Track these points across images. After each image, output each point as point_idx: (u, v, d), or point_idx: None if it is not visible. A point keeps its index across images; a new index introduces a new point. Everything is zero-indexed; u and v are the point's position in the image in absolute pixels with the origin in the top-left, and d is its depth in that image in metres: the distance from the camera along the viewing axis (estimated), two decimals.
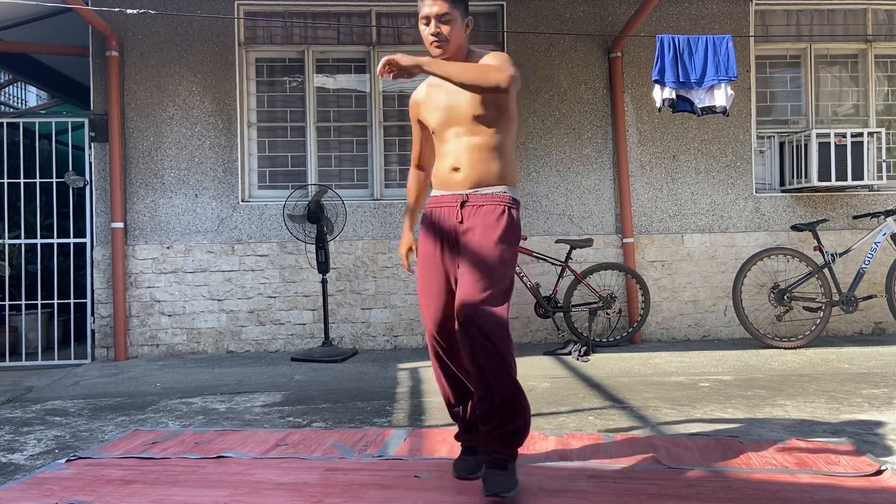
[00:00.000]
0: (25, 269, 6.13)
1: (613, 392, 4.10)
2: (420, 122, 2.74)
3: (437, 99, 2.58)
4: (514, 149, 2.62)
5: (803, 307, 5.69)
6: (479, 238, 2.47)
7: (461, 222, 2.51)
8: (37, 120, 6.42)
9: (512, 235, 2.51)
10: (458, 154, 2.53)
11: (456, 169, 2.53)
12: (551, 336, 6.02)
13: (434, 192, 2.64)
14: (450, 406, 2.69)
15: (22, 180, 5.87)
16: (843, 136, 5.88)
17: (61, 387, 4.72)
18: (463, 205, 2.51)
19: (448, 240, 2.56)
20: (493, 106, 2.50)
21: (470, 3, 2.70)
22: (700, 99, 5.32)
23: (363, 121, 6.22)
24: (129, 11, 5.22)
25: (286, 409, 3.86)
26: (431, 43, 2.50)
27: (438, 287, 2.56)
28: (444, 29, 2.47)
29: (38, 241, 5.76)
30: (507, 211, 2.49)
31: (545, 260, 5.73)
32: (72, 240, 5.86)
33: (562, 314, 5.74)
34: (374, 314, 6.03)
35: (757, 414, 3.52)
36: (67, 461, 2.90)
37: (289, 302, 5.98)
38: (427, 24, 2.49)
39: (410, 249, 2.90)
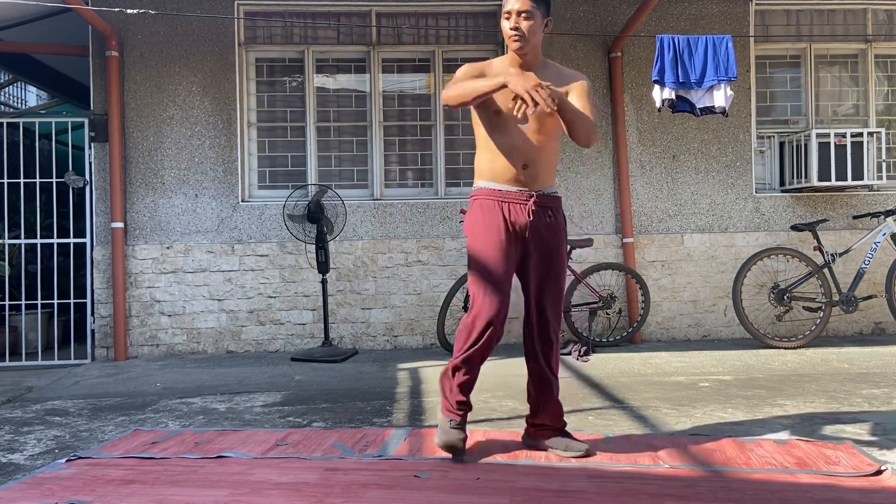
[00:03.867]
0: (25, 269, 6.12)
1: (613, 392, 4.10)
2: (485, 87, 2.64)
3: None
4: None
5: (803, 307, 5.69)
6: (555, 245, 2.74)
7: (533, 221, 2.70)
8: (37, 120, 6.42)
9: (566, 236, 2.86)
10: (528, 150, 2.68)
11: (526, 166, 2.68)
12: None
13: (495, 185, 2.72)
14: (469, 386, 2.87)
15: (22, 180, 5.87)
16: (843, 136, 5.88)
17: (61, 387, 4.72)
18: (533, 202, 2.69)
19: (518, 232, 2.71)
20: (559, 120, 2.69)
21: (470, 3, 2.76)
22: (699, 99, 5.32)
23: (363, 121, 6.22)
24: (129, 11, 5.22)
25: (286, 409, 3.86)
26: (511, 37, 2.64)
27: (508, 277, 2.72)
28: (525, 25, 2.61)
29: (38, 241, 5.76)
30: (563, 214, 2.82)
31: None
32: (72, 240, 5.86)
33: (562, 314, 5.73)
34: (374, 314, 6.03)
35: (757, 414, 3.52)
36: (67, 461, 2.90)
37: (289, 302, 5.98)
38: (508, 19, 2.64)
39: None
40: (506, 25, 2.65)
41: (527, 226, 2.70)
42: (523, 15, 2.61)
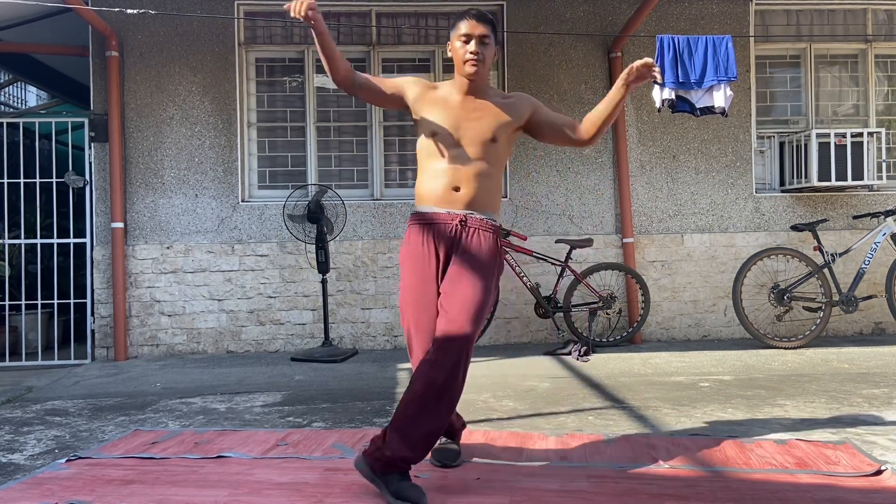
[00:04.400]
0: (25, 269, 6.12)
1: (613, 392, 4.10)
2: (405, 97, 2.73)
3: (450, 113, 2.65)
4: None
5: (803, 307, 5.69)
6: (476, 265, 2.56)
7: (457, 241, 2.59)
8: (37, 120, 6.42)
9: (500, 268, 2.68)
10: (460, 174, 2.62)
11: (457, 188, 2.62)
12: (551, 336, 6.02)
13: (425, 208, 2.66)
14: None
15: (22, 180, 5.87)
16: (843, 136, 5.88)
17: (61, 387, 4.72)
18: (462, 224, 2.60)
19: (441, 257, 2.62)
20: (507, 132, 2.69)
21: (470, 3, 2.78)
22: (699, 99, 5.32)
23: (363, 121, 6.22)
24: (129, 11, 5.22)
25: (286, 409, 3.86)
26: (468, 61, 2.62)
27: (431, 307, 2.58)
28: (483, 50, 2.62)
29: (38, 241, 5.76)
30: (497, 241, 2.65)
31: (545, 260, 5.73)
32: (72, 240, 5.86)
33: (562, 314, 5.74)
34: (374, 314, 6.03)
35: (757, 414, 3.52)
36: (67, 461, 2.90)
37: (289, 302, 5.98)
38: (467, 42, 2.62)
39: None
40: (463, 49, 2.62)
41: (451, 247, 2.60)
42: (484, 40, 2.61)
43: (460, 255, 2.58)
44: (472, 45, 2.61)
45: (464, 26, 2.63)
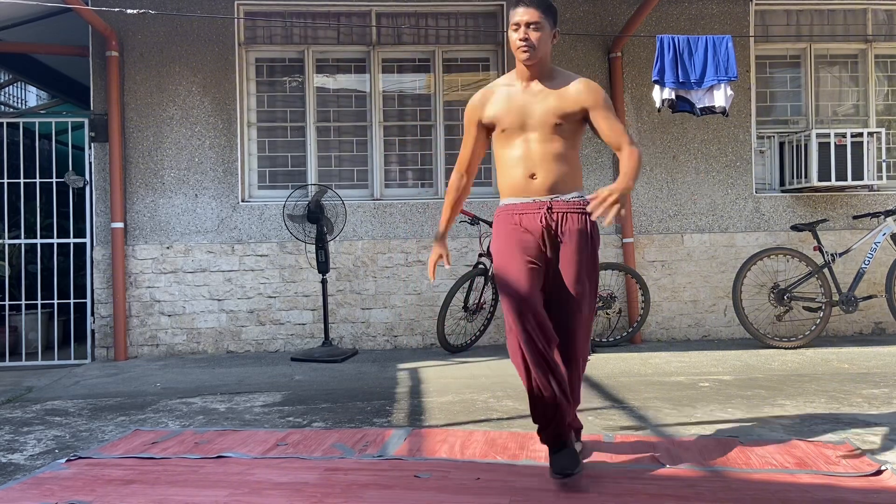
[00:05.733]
0: (25, 269, 6.12)
1: (613, 392, 4.10)
2: (481, 125, 2.78)
3: (514, 101, 2.68)
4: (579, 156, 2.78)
5: (803, 307, 5.69)
6: (576, 252, 2.61)
7: (552, 228, 2.62)
8: (37, 120, 6.42)
9: (598, 244, 2.73)
10: (532, 160, 2.65)
11: (532, 176, 2.64)
12: None
13: (507, 201, 2.71)
14: (542, 399, 2.56)
15: (22, 180, 5.87)
16: (843, 136, 5.88)
17: (61, 387, 4.72)
18: (549, 211, 2.63)
19: (539, 243, 2.63)
20: (572, 119, 2.66)
21: (470, 3, 2.76)
22: (699, 99, 5.32)
23: (363, 121, 6.22)
24: (129, 11, 5.22)
25: (286, 409, 3.86)
26: (519, 48, 2.64)
27: (531, 288, 2.58)
28: (534, 36, 2.62)
29: (38, 241, 5.76)
30: (588, 219, 2.65)
31: None
32: (72, 240, 5.86)
33: None
34: (374, 314, 6.03)
35: (757, 414, 3.52)
36: (67, 461, 2.90)
37: (289, 302, 5.98)
38: (517, 30, 2.64)
39: (441, 257, 2.89)
40: (514, 37, 2.64)
41: (542, 235, 2.62)
42: (532, 26, 2.61)
43: (561, 245, 2.62)
44: (520, 33, 2.62)
45: (514, 15, 2.66)
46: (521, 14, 2.63)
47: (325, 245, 5.59)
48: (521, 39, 2.62)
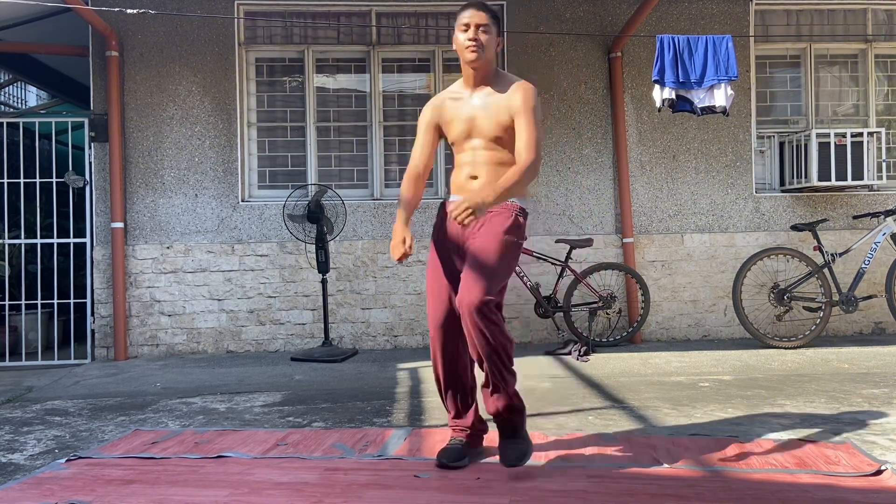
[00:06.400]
0: (25, 269, 6.12)
1: (613, 392, 4.10)
2: (435, 128, 2.89)
3: (461, 112, 2.78)
4: None
5: (803, 307, 5.69)
6: (482, 238, 2.67)
7: (474, 227, 2.69)
8: (37, 120, 6.42)
9: (514, 233, 2.70)
10: (476, 164, 2.76)
11: (474, 177, 2.75)
12: (551, 336, 6.02)
13: (451, 198, 2.84)
14: (455, 395, 2.85)
15: (22, 180, 5.87)
16: (843, 136, 5.88)
17: (61, 387, 4.72)
18: None
19: (459, 241, 2.75)
20: (511, 128, 2.72)
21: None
22: (700, 99, 5.32)
23: (363, 121, 6.22)
24: (129, 11, 5.22)
25: (286, 408, 3.86)
26: (467, 48, 2.71)
27: (446, 286, 2.75)
28: (483, 37, 2.70)
29: (38, 241, 5.76)
30: (513, 216, 2.70)
31: (545, 260, 5.73)
32: (72, 240, 5.86)
33: (562, 314, 5.74)
34: (374, 314, 6.03)
35: (757, 414, 3.52)
36: (67, 461, 2.90)
37: (289, 302, 5.98)
38: (466, 31, 2.71)
39: (404, 241, 2.84)
40: (462, 37, 2.71)
41: (466, 233, 2.73)
42: (481, 28, 2.69)
43: (472, 237, 2.69)
44: (470, 33, 2.69)
45: (463, 16, 2.73)
46: (470, 16, 2.71)
47: (325, 245, 5.59)
48: (470, 39, 2.69)
